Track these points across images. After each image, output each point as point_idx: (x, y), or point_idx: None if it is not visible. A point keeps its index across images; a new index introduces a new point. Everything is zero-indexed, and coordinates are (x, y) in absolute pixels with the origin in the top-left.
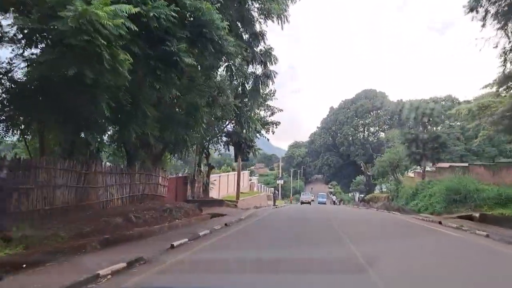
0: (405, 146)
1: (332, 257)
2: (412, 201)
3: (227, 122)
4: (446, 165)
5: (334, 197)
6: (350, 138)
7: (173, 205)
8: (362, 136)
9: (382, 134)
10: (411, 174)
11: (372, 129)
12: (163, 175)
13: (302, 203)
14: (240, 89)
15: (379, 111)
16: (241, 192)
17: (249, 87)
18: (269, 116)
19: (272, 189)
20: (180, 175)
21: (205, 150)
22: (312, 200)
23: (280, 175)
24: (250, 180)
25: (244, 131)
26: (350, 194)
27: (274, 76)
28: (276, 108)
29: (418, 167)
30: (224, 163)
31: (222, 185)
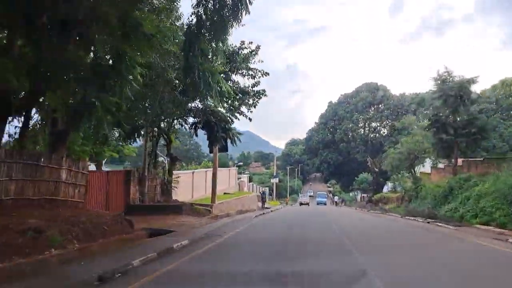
0: (431, 133)
1: None
2: (446, 205)
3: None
4: (471, 157)
5: (336, 198)
6: (350, 134)
7: (59, 219)
8: (363, 131)
9: (384, 131)
10: (425, 170)
11: (373, 124)
12: (74, 167)
13: (301, 204)
14: (193, 20)
15: (380, 105)
16: (226, 193)
17: (207, 14)
18: (253, 87)
19: (266, 188)
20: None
21: (164, 135)
22: (311, 196)
23: (275, 173)
24: (240, 178)
25: (206, 99)
26: (351, 194)
27: (250, 1)
28: (259, 71)
29: (442, 160)
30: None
31: (197, 184)
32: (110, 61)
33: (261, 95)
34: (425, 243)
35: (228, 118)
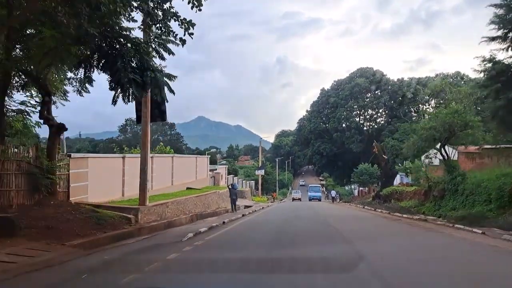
0: (490, 92)
1: None
2: None
3: None
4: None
5: (333, 192)
6: (344, 125)
7: None
8: (358, 120)
9: (381, 119)
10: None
11: (370, 112)
12: None
13: (294, 199)
14: None
15: (377, 92)
16: (190, 188)
17: None
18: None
19: (236, 179)
20: None
21: (34, 83)
22: (303, 185)
23: (260, 164)
24: (215, 170)
25: None
26: (346, 187)
27: None
28: None
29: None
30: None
31: (135, 174)
32: None
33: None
34: None
35: (144, 47)
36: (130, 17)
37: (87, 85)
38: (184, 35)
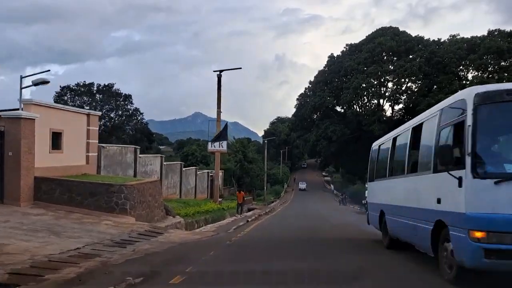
0: None
1: None
2: None
3: None
4: None
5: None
6: (361, 100)
7: None
8: (382, 92)
9: (413, 92)
10: None
11: (398, 80)
12: None
13: (300, 190)
14: None
15: (409, 57)
16: None
17: None
18: None
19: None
20: None
21: None
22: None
23: (216, 134)
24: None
25: None
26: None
27: None
28: None
29: None
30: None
31: None
32: None
33: None
34: None
35: None
36: None
37: None
38: None
